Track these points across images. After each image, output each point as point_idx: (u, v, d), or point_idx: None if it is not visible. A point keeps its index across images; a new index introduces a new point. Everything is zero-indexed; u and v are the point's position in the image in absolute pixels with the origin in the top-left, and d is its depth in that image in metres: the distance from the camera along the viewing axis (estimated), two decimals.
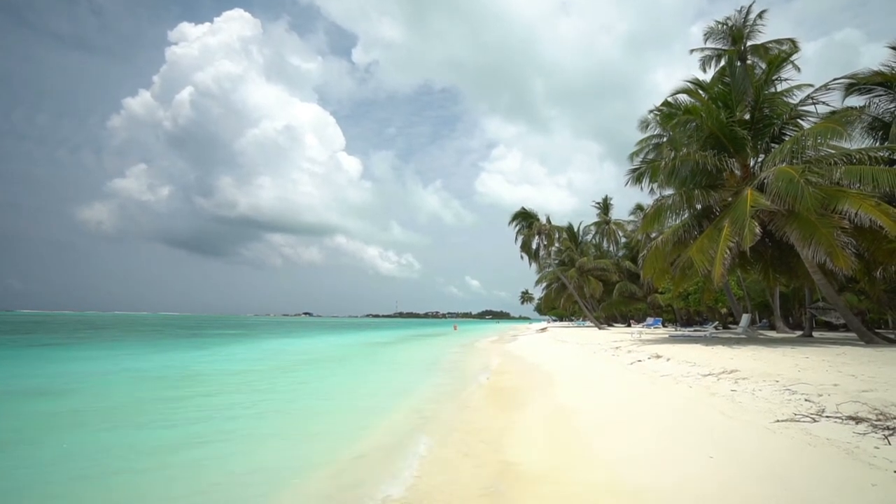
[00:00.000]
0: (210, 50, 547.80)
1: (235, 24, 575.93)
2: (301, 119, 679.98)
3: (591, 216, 49.84)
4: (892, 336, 13.34)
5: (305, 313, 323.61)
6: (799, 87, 14.53)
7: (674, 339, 15.80)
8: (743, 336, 16.07)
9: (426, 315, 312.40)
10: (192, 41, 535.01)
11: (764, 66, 16.74)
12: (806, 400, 4.93)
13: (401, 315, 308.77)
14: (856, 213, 10.59)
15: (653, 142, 21.20)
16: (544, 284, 48.09)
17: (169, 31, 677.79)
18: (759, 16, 20.69)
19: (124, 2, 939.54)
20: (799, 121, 14.20)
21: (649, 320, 31.53)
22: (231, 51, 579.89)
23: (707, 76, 20.13)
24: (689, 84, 15.77)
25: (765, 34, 20.92)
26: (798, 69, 16.88)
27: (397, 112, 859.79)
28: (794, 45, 19.84)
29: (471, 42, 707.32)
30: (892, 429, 3.67)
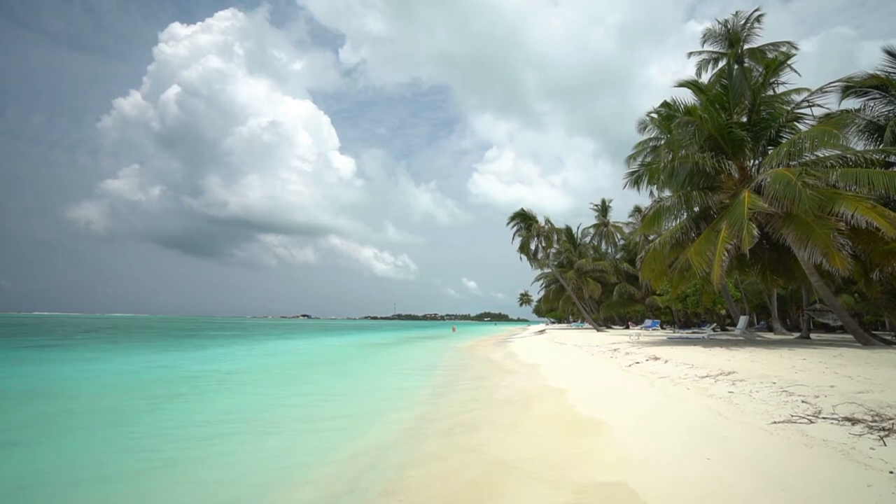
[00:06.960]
0: (200, 50, 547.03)
1: (226, 23, 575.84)
2: (292, 118, 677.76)
3: (586, 215, 50.17)
4: (888, 338, 13.40)
5: (303, 315, 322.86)
6: (797, 90, 14.61)
7: (672, 341, 15.83)
8: (740, 338, 16.11)
9: (424, 317, 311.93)
10: (180, 40, 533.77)
11: (761, 69, 16.82)
12: (803, 401, 4.95)
13: (399, 317, 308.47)
14: (852, 215, 10.65)
15: (650, 144, 21.25)
16: (542, 285, 48.19)
17: (159, 32, 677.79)
18: (758, 19, 20.82)
19: (117, 1, 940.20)
20: (796, 123, 14.28)
21: (647, 322, 31.57)
22: (220, 50, 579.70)
23: (703, 80, 20.20)
24: (688, 83, 15.82)
25: (762, 37, 21.07)
26: (798, 73, 16.99)
27: (392, 111, 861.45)
28: (791, 47, 20.00)
29: (458, 33, 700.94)
30: (888, 430, 3.68)
